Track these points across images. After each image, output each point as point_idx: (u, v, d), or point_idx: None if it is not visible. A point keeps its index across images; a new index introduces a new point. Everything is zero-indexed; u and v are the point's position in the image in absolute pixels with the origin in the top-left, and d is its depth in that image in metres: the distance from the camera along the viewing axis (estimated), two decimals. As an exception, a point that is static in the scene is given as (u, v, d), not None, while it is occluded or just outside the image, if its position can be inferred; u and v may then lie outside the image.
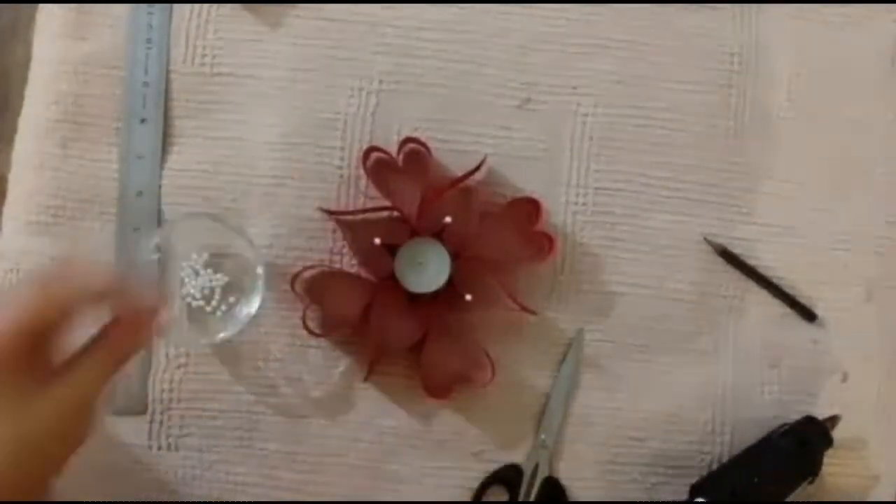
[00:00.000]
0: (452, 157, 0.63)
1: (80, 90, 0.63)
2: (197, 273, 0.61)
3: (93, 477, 0.61)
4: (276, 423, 0.62)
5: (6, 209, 0.63)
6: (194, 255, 0.62)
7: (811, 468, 0.59)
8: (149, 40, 0.63)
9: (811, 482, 0.60)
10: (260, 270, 0.60)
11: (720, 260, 0.64)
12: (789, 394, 0.64)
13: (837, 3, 0.66)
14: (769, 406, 0.63)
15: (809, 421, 0.61)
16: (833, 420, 0.61)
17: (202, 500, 0.62)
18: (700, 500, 0.58)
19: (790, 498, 0.59)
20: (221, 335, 0.60)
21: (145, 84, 0.63)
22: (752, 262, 0.64)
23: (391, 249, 0.60)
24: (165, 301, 0.48)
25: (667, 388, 0.63)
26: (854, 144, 0.65)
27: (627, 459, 0.63)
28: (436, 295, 0.60)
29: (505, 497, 0.62)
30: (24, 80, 0.64)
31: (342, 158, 0.63)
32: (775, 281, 0.64)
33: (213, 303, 0.61)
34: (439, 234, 0.60)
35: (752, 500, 0.58)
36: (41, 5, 0.64)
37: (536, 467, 0.62)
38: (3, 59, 0.65)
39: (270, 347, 0.62)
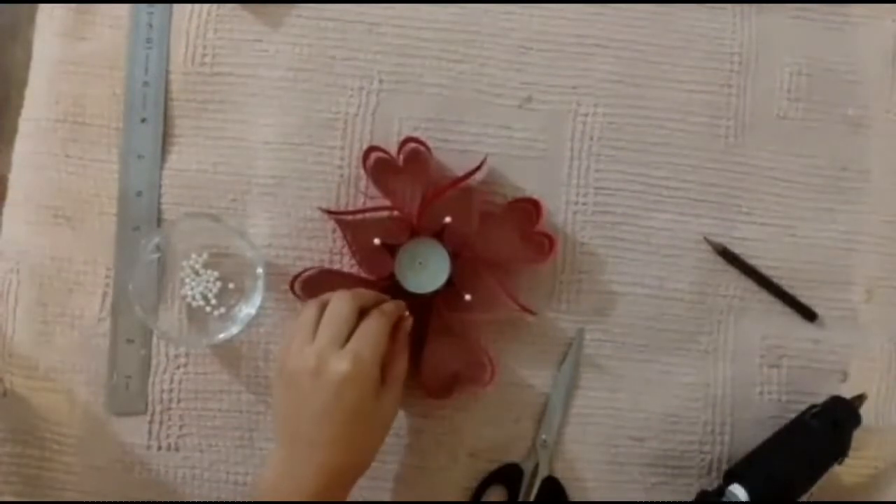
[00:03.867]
0: (452, 156, 0.63)
1: (80, 90, 0.63)
2: (197, 273, 0.62)
3: (93, 477, 0.61)
4: (276, 423, 0.62)
5: (6, 209, 0.63)
6: (194, 255, 0.62)
7: (842, 448, 0.59)
8: (149, 40, 0.63)
9: (840, 462, 0.60)
10: (260, 270, 0.60)
11: (720, 260, 0.64)
12: (789, 394, 0.64)
13: (837, 3, 0.66)
14: (769, 406, 0.63)
15: (838, 401, 0.61)
16: (860, 398, 0.61)
17: (202, 500, 0.62)
18: (736, 485, 0.58)
19: (823, 478, 0.59)
20: (221, 335, 0.60)
21: (145, 84, 0.63)
22: (752, 261, 0.64)
23: (391, 249, 0.60)
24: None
25: (667, 388, 0.63)
26: (854, 145, 0.65)
27: (627, 459, 0.63)
28: (436, 295, 0.60)
29: (505, 497, 0.62)
30: (24, 80, 0.64)
31: (342, 158, 0.63)
32: (775, 281, 0.64)
33: (213, 303, 0.61)
34: (439, 234, 0.60)
35: (787, 483, 0.58)
36: (41, 5, 0.64)
37: (536, 467, 0.62)
38: (3, 59, 0.65)
39: (270, 347, 0.62)
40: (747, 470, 0.59)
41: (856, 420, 0.60)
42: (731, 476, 0.59)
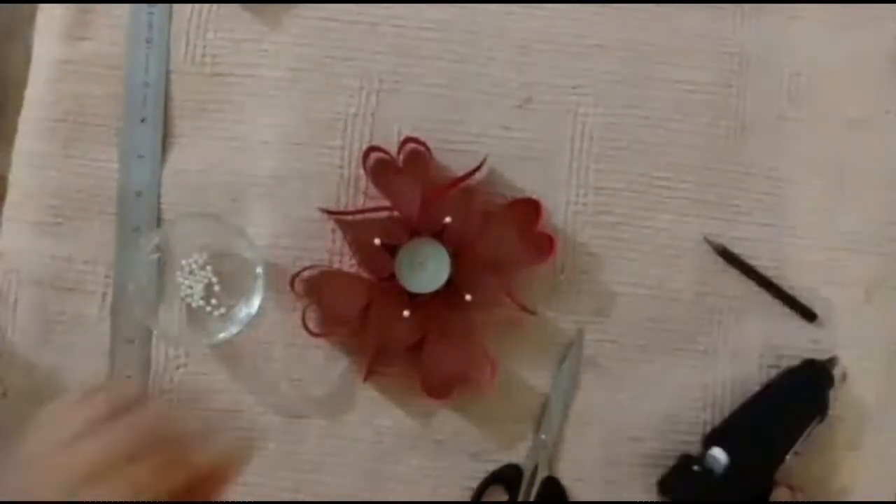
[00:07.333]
0: (452, 157, 0.63)
1: (80, 90, 0.63)
2: (196, 273, 0.62)
3: (93, 477, 0.61)
4: (276, 423, 0.62)
5: (6, 209, 0.63)
6: (194, 255, 0.62)
7: (819, 407, 0.60)
8: (149, 40, 0.64)
9: (820, 421, 0.60)
10: (260, 270, 0.60)
11: (720, 260, 0.64)
12: (789, 394, 0.64)
13: (837, 3, 0.66)
14: (769, 406, 0.64)
15: (809, 363, 0.62)
16: (832, 361, 0.62)
17: (202, 499, 0.62)
18: (716, 448, 0.58)
19: (804, 439, 0.59)
20: (221, 335, 0.60)
21: (145, 84, 0.63)
22: (752, 262, 0.64)
23: (391, 249, 0.60)
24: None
25: (667, 388, 0.63)
26: (854, 144, 0.65)
27: (627, 459, 0.63)
28: (436, 295, 0.60)
29: (505, 497, 0.62)
30: (24, 80, 0.64)
31: (342, 158, 0.63)
32: (775, 281, 0.64)
33: (213, 303, 0.61)
34: (439, 234, 0.60)
35: (767, 443, 0.59)
36: (41, 5, 0.64)
37: (536, 467, 0.62)
38: (3, 59, 0.65)
39: (270, 347, 0.62)
40: (726, 432, 0.60)
41: (828, 380, 0.61)
42: (710, 440, 0.60)
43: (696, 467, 0.59)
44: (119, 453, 0.40)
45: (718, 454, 0.58)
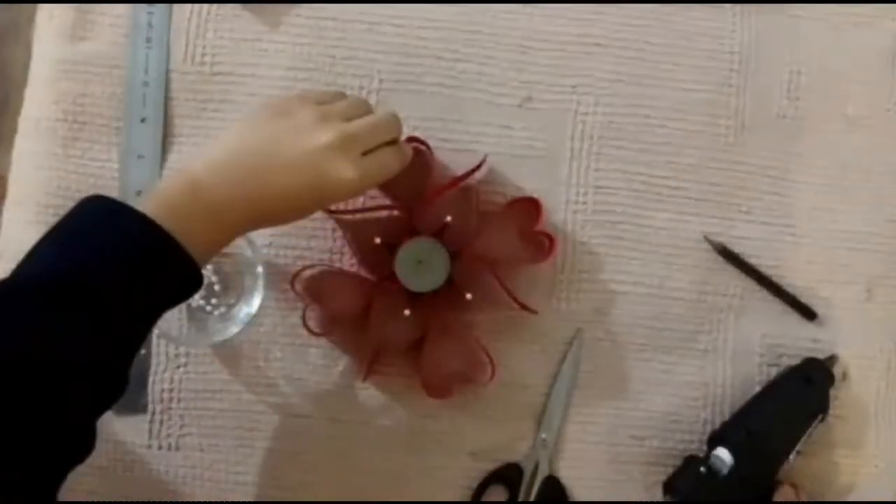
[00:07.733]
0: (453, 155, 0.63)
1: (80, 90, 0.63)
2: (197, 272, 0.61)
3: (93, 477, 0.61)
4: (276, 423, 0.62)
5: (6, 209, 0.63)
6: (194, 255, 0.62)
7: (820, 405, 0.60)
8: (149, 40, 0.64)
9: (822, 420, 0.60)
10: (260, 270, 0.60)
11: (720, 259, 0.64)
12: (790, 393, 0.64)
13: (837, 3, 0.66)
14: (769, 405, 0.63)
15: (810, 361, 0.62)
16: (832, 359, 0.62)
17: (202, 500, 0.62)
18: (720, 448, 0.59)
19: (806, 439, 0.60)
20: (221, 335, 0.60)
21: (145, 84, 0.63)
22: (752, 260, 0.64)
23: (391, 249, 0.60)
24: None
25: (667, 387, 0.63)
26: (854, 143, 0.65)
27: (628, 458, 0.63)
28: (436, 294, 0.60)
29: (505, 496, 0.62)
30: (24, 80, 0.64)
31: (342, 158, 0.63)
32: (775, 280, 0.64)
33: (213, 302, 0.61)
34: (439, 233, 0.60)
35: (769, 441, 0.59)
36: (41, 5, 0.64)
37: (536, 466, 0.62)
38: (3, 59, 0.65)
39: (270, 347, 0.62)
40: (729, 433, 0.60)
41: (829, 378, 0.61)
42: (714, 440, 0.60)
43: (702, 468, 0.59)
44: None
45: (723, 455, 0.59)
